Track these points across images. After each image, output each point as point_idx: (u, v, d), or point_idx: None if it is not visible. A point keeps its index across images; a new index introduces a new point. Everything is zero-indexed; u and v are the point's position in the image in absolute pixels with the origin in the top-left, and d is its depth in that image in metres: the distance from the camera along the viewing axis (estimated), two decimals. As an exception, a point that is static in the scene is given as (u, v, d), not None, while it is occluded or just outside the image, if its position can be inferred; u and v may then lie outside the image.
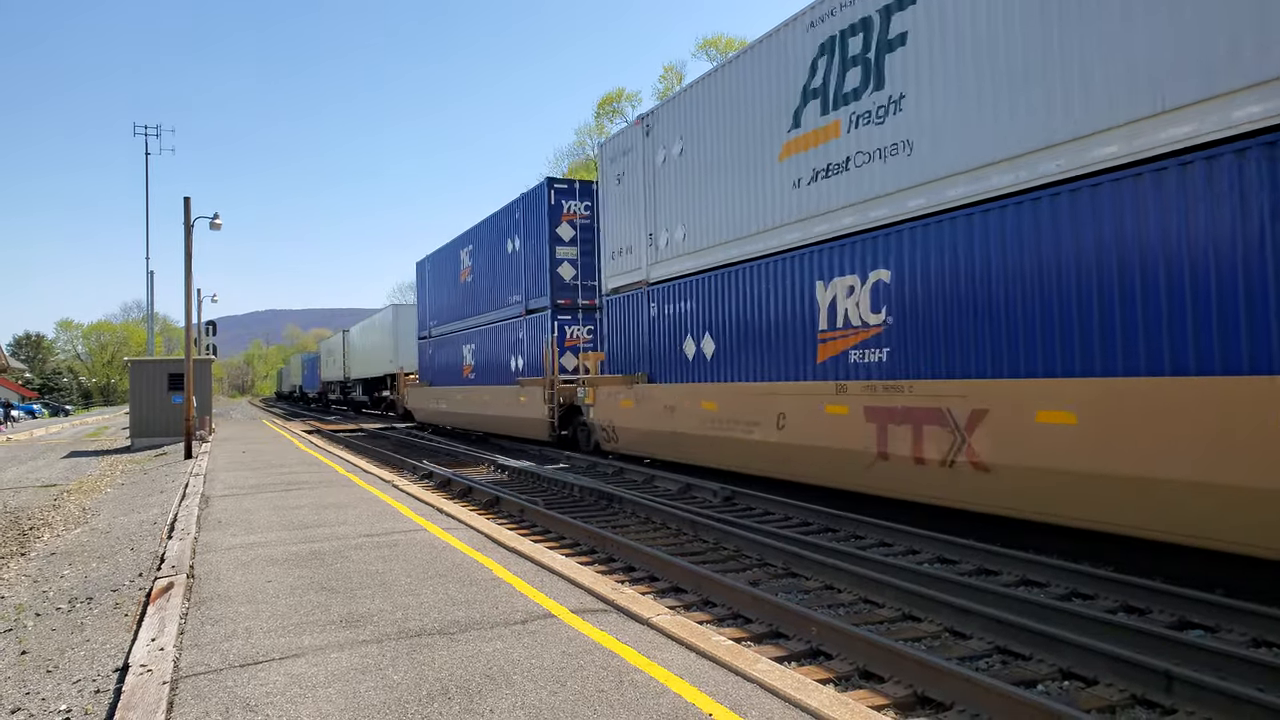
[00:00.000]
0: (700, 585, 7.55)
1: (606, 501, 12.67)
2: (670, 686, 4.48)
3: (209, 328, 45.17)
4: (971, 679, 4.95)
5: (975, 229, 9.18)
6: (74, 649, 6.15)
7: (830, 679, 5.43)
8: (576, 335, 21.32)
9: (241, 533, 9.44)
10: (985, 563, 8.22)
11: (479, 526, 9.30)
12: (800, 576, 8.11)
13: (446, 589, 6.63)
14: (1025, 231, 8.62)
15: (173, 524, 10.56)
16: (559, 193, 21.36)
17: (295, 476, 15.02)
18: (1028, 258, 8.59)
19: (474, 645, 5.24)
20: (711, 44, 57.29)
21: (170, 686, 4.70)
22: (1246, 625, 6.15)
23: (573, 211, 21.40)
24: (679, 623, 5.57)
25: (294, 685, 4.66)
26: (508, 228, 24.02)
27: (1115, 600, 6.97)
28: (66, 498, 16.63)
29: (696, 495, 13.20)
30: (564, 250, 21.35)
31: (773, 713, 4.12)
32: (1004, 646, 5.93)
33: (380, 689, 4.56)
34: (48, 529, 12.83)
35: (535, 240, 21.91)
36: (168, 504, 13.02)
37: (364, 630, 5.62)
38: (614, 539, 9.33)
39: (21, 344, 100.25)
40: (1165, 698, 4.95)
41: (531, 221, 22.16)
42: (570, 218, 21.37)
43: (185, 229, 23.91)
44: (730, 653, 4.95)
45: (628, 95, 59.45)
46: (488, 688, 4.53)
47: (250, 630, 5.70)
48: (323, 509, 10.99)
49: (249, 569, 7.58)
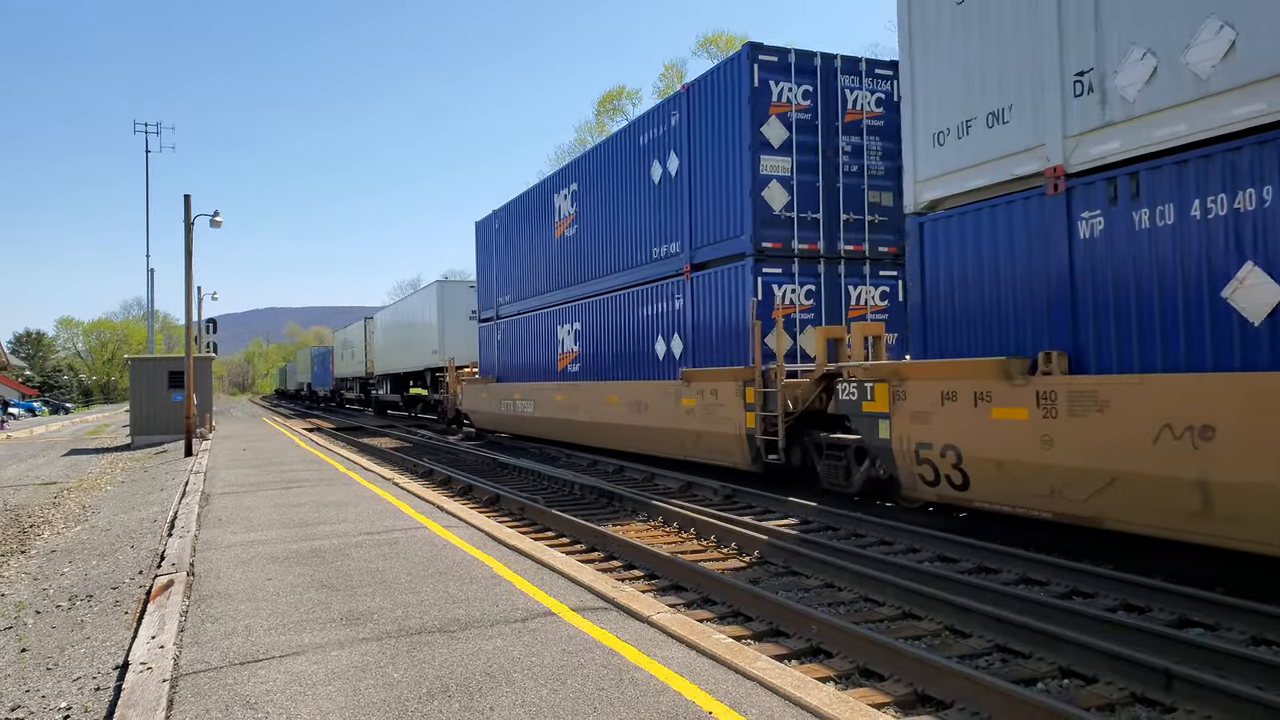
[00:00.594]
0: (700, 583, 7.55)
1: (607, 499, 12.65)
2: (670, 684, 4.48)
3: (209, 325, 45.18)
4: (972, 677, 4.95)
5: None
6: (74, 646, 6.15)
7: (830, 677, 5.43)
8: (791, 300, 13.59)
9: (242, 530, 9.44)
10: (985, 561, 8.22)
11: (479, 524, 9.30)
12: (800, 575, 8.11)
13: (447, 587, 6.63)
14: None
15: (173, 521, 10.56)
16: (766, 70, 13.49)
17: (295, 474, 15.03)
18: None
19: (474, 643, 5.24)
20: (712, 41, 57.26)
21: (170, 684, 4.70)
22: (1246, 623, 6.14)
23: (786, 101, 13.55)
24: (679, 620, 5.57)
25: (294, 683, 4.66)
26: (656, 142, 16.32)
27: (1115, 598, 6.97)
28: (67, 495, 16.64)
29: (697, 493, 13.21)
30: (772, 162, 13.44)
31: (773, 711, 4.12)
32: (1004, 645, 5.93)
33: (380, 687, 4.56)
34: (48, 526, 12.84)
35: (719, 150, 14.19)
36: (168, 501, 13.02)
37: (364, 628, 5.62)
38: (614, 536, 9.33)
39: (22, 341, 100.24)
40: (1165, 696, 4.95)
41: (710, 122, 14.44)
42: (781, 109, 13.55)
43: (185, 226, 23.89)
44: (730, 651, 4.95)
45: (628, 93, 59.46)
46: (488, 685, 4.53)
47: (250, 628, 5.70)
48: (323, 507, 10.99)
49: (249, 567, 7.58)
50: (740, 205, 13.59)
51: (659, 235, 16.30)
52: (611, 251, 18.25)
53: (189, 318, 24.47)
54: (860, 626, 6.03)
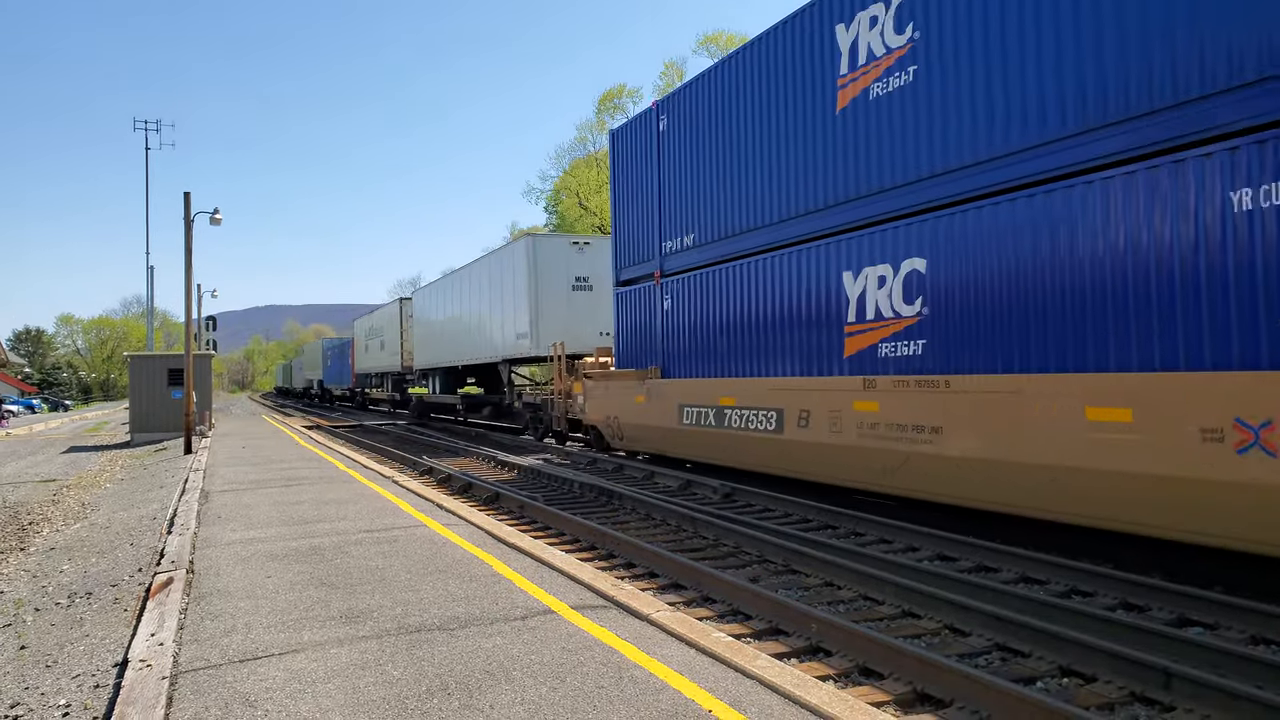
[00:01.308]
0: (700, 581, 7.55)
1: (607, 498, 12.67)
2: (670, 683, 4.47)
3: (209, 323, 45.16)
4: (971, 676, 4.95)
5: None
6: (73, 644, 6.15)
7: (830, 676, 5.43)
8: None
9: (241, 528, 9.44)
10: (985, 560, 8.22)
11: (479, 522, 9.30)
12: (800, 573, 8.11)
13: (446, 585, 6.63)
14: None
15: (172, 519, 10.56)
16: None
17: (295, 472, 15.02)
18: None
19: (474, 641, 5.24)
20: (712, 40, 57.25)
21: (170, 682, 4.69)
22: (1246, 623, 6.15)
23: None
24: (678, 619, 5.57)
25: (293, 681, 4.66)
26: None
27: (1114, 597, 6.97)
28: (66, 493, 16.63)
29: (696, 492, 13.21)
30: None
31: (772, 709, 4.12)
32: (1004, 643, 5.93)
33: (380, 684, 4.56)
34: (47, 524, 12.84)
35: None
36: (167, 499, 13.02)
37: (364, 626, 5.62)
38: (613, 535, 9.33)
39: (21, 339, 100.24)
40: (1164, 695, 4.95)
41: None
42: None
43: (185, 224, 23.89)
44: (730, 649, 4.95)
45: (629, 91, 59.42)
46: (487, 683, 4.53)
47: (250, 625, 5.70)
48: (323, 504, 10.99)
49: (249, 564, 7.58)
50: None
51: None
52: (1029, 105, 8.75)
53: (189, 315, 24.47)
54: (860, 625, 6.03)
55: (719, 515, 10.37)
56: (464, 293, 28.63)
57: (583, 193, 58.08)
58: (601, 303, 21.65)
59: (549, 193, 66.41)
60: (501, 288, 24.59)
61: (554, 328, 21.75)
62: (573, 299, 22.30)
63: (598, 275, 22.40)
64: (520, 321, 22.88)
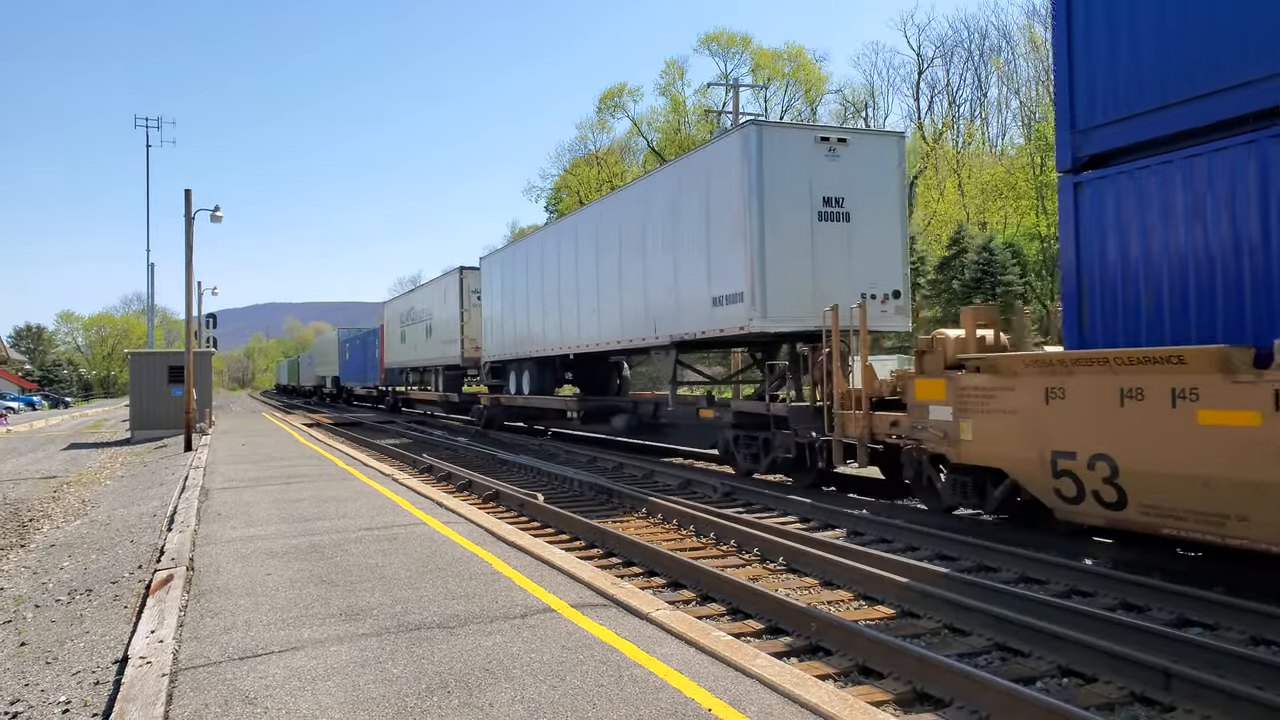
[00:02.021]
0: (700, 580, 7.55)
1: (605, 496, 12.67)
2: (669, 681, 4.47)
3: (209, 320, 45.16)
4: (971, 675, 4.95)
5: None
6: (73, 641, 6.16)
7: (830, 675, 5.43)
8: None
9: (241, 525, 9.44)
10: (985, 559, 8.22)
11: (479, 520, 9.30)
12: (800, 572, 8.11)
13: (446, 583, 6.63)
14: None
15: (172, 516, 10.56)
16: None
17: (295, 470, 15.02)
18: None
19: (473, 639, 5.24)
20: (713, 39, 57.27)
21: (169, 679, 4.69)
22: (1245, 623, 6.15)
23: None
24: (678, 618, 5.57)
25: (293, 678, 4.66)
26: None
27: (1114, 598, 6.97)
28: (66, 490, 16.65)
29: (696, 491, 13.21)
30: None
31: (772, 708, 4.12)
32: (1003, 643, 5.93)
33: (379, 682, 4.56)
34: (47, 521, 12.85)
35: None
36: (167, 496, 13.02)
37: (363, 624, 5.62)
38: (613, 533, 9.33)
39: (22, 336, 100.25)
40: (1164, 695, 4.95)
41: None
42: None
43: (186, 221, 23.89)
44: (729, 648, 4.95)
45: (629, 90, 59.44)
46: (487, 682, 4.53)
47: (250, 623, 5.70)
48: (322, 502, 10.99)
49: (248, 562, 7.58)
50: None
51: None
52: None
53: (189, 312, 24.48)
54: (859, 624, 6.03)
55: (719, 515, 10.33)
56: (590, 241, 18.55)
57: (583, 191, 58.14)
58: (865, 240, 13.32)
59: (549, 191, 66.45)
60: (681, 219, 14.79)
61: (788, 283, 12.86)
62: (820, 234, 13.14)
63: (856, 197, 13.29)
64: (727, 274, 13.44)
